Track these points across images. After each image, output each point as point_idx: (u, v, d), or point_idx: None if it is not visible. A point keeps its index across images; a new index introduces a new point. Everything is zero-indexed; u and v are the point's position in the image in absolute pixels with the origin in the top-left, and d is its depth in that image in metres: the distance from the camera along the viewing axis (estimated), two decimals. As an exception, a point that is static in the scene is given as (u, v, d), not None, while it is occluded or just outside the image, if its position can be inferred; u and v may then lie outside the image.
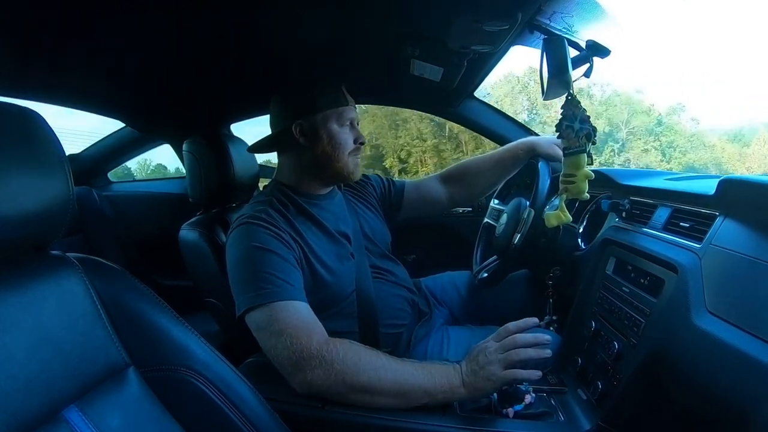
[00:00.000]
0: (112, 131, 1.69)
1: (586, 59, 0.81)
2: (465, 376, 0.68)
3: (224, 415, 0.53)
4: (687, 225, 0.68)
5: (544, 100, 0.85)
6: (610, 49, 0.78)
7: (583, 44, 0.81)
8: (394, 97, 1.59)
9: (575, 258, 0.99)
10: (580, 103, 0.81)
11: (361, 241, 0.93)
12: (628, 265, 0.78)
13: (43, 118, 0.47)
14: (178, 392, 0.52)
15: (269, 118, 0.93)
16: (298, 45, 0.95)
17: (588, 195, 0.85)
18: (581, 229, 1.03)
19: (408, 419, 0.67)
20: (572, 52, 0.80)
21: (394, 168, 16.65)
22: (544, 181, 0.99)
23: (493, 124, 1.50)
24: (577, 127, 0.81)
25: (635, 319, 0.68)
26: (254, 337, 0.72)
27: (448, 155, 16.43)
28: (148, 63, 1.00)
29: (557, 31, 0.78)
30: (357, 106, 0.94)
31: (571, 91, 0.81)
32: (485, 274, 1.07)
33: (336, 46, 0.98)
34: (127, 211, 1.77)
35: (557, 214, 0.86)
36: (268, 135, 0.94)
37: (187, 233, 1.03)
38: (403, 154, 17.00)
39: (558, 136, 0.84)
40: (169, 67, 1.03)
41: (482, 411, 0.69)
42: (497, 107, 1.57)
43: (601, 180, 1.02)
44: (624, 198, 0.88)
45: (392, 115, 16.38)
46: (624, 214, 0.86)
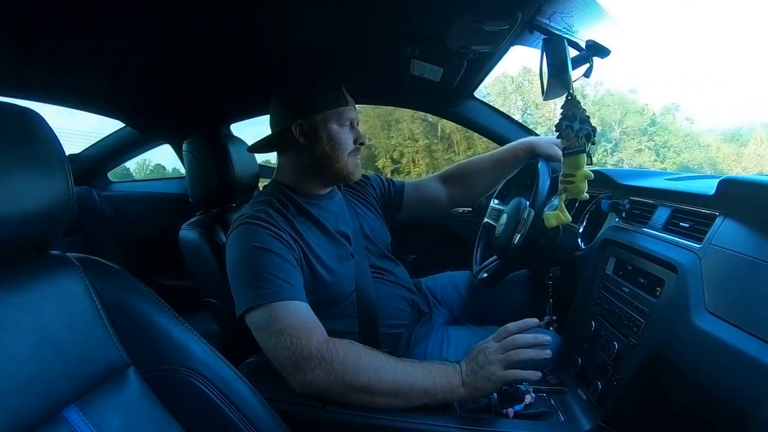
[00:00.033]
0: (112, 131, 1.69)
1: (586, 59, 0.81)
2: (465, 376, 0.68)
3: (224, 415, 0.53)
4: (687, 225, 0.68)
5: (544, 100, 0.85)
6: (610, 49, 0.78)
7: (583, 44, 0.81)
8: (394, 97, 1.59)
9: (575, 258, 0.99)
10: (580, 103, 0.81)
11: (361, 241, 0.93)
12: (628, 265, 0.78)
13: (43, 118, 0.47)
14: (178, 392, 0.52)
15: (269, 118, 0.93)
16: (298, 45, 0.95)
17: (587, 195, 0.85)
18: (581, 229, 1.03)
19: (408, 419, 0.67)
20: (572, 52, 0.80)
21: (387, 168, 16.61)
22: (544, 181, 0.99)
23: (493, 124, 1.51)
24: (576, 127, 0.81)
25: (635, 319, 0.68)
26: (254, 337, 0.72)
27: (439, 155, 16.41)
28: (148, 63, 1.00)
29: (557, 31, 0.78)
30: (352, 107, 0.94)
31: (571, 91, 0.81)
32: (485, 274, 1.07)
33: (336, 46, 0.98)
34: (127, 211, 1.77)
35: (556, 214, 0.86)
36: (268, 135, 0.94)
37: (187, 233, 1.03)
38: (396, 155, 16.95)
39: (558, 136, 0.84)
40: (169, 67, 1.03)
41: (482, 411, 0.69)
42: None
43: (601, 180, 1.02)
44: (624, 198, 0.88)
45: (385, 116, 16.34)
46: (624, 214, 0.86)
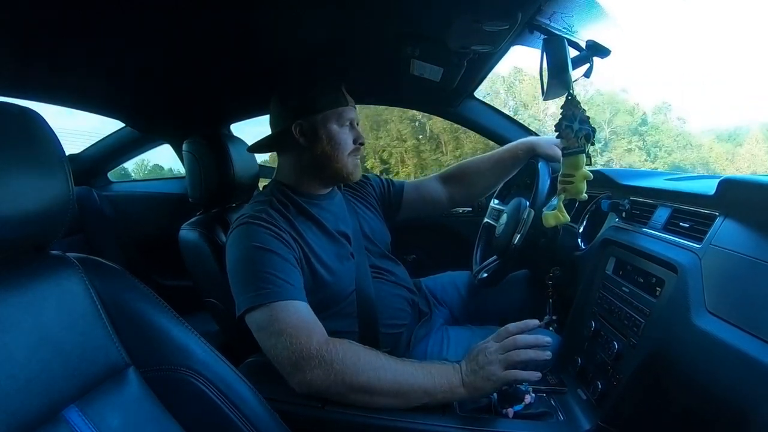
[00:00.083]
0: (112, 131, 1.69)
1: (586, 59, 0.81)
2: (465, 376, 0.68)
3: (224, 415, 0.53)
4: (687, 225, 0.68)
5: (544, 100, 0.85)
6: (610, 49, 0.78)
7: (583, 44, 0.81)
8: (394, 97, 1.59)
9: (575, 258, 0.99)
10: (579, 104, 0.81)
11: (361, 241, 0.93)
12: (628, 265, 0.78)
13: (43, 118, 0.47)
14: (178, 392, 0.52)
15: (269, 118, 0.93)
16: (298, 45, 0.95)
17: (586, 195, 0.85)
18: (581, 229, 1.03)
19: (408, 419, 0.67)
20: (572, 52, 0.80)
21: (376, 168, 16.59)
22: (544, 182, 0.99)
23: (493, 124, 1.51)
24: (576, 127, 0.81)
25: (635, 319, 0.68)
26: (254, 337, 0.72)
27: (427, 156, 16.36)
28: (148, 63, 1.00)
29: (557, 31, 0.78)
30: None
31: (570, 91, 0.81)
32: (485, 274, 1.07)
33: (336, 46, 0.98)
34: (127, 211, 1.77)
35: (555, 213, 0.86)
36: (268, 135, 0.94)
37: (187, 233, 1.03)
38: (385, 155, 16.86)
39: (557, 136, 0.84)
40: (169, 67, 1.03)
41: (482, 411, 0.69)
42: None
43: (601, 180, 1.02)
44: (624, 198, 0.88)
45: (373, 116, 16.26)
46: (624, 214, 0.86)
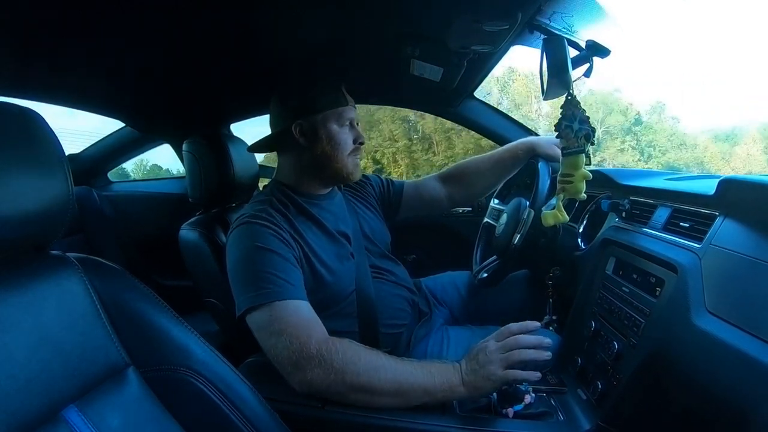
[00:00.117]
0: (112, 131, 1.69)
1: (586, 59, 0.81)
2: (465, 375, 0.68)
3: (224, 415, 0.53)
4: (687, 225, 0.68)
5: (544, 99, 0.85)
6: (610, 49, 0.78)
7: (583, 44, 0.81)
8: (394, 97, 1.59)
9: (575, 258, 0.99)
10: (579, 104, 0.81)
11: (361, 241, 0.93)
12: (628, 265, 0.78)
13: (43, 118, 0.47)
14: (178, 392, 0.52)
15: (269, 118, 0.93)
16: (298, 45, 0.95)
17: (585, 195, 0.85)
18: (581, 229, 1.03)
19: (408, 419, 0.66)
20: (572, 52, 0.80)
21: (369, 169, 16.49)
22: (544, 182, 0.99)
23: (493, 124, 1.51)
24: (576, 127, 0.81)
25: (635, 319, 0.68)
26: (254, 337, 0.72)
27: (419, 156, 16.29)
28: (148, 63, 1.00)
29: (557, 31, 0.78)
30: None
31: (570, 91, 0.81)
32: (485, 274, 1.07)
33: (336, 46, 0.98)
34: (127, 211, 1.77)
35: (554, 213, 0.86)
36: (268, 135, 0.94)
37: (187, 233, 1.02)
38: (378, 155, 16.76)
39: (557, 136, 0.84)
40: (169, 67, 1.03)
41: (482, 411, 0.69)
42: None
43: (601, 180, 1.02)
44: (624, 198, 0.88)
45: (366, 116, 16.17)
46: (624, 214, 0.86)
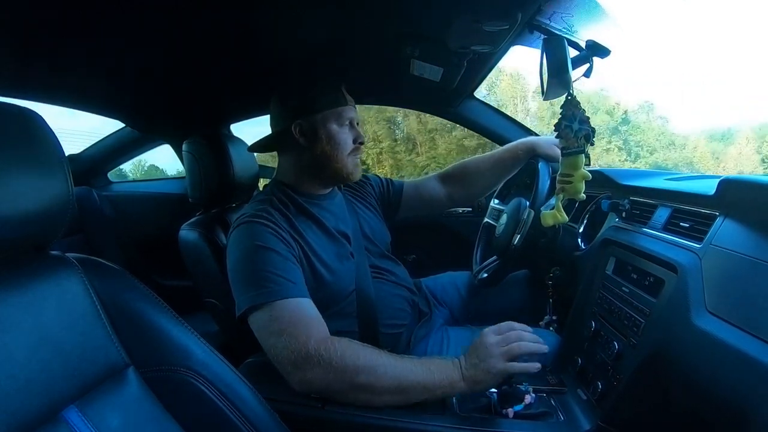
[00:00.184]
0: (112, 131, 1.69)
1: (586, 59, 0.81)
2: (465, 370, 0.68)
3: (224, 415, 0.53)
4: (687, 225, 0.68)
5: (544, 99, 0.85)
6: (609, 49, 0.78)
7: (583, 44, 0.81)
8: (394, 97, 1.59)
9: (575, 258, 0.99)
10: (579, 104, 0.81)
11: (361, 241, 0.93)
12: (628, 265, 0.78)
13: (42, 119, 0.47)
14: (178, 392, 0.52)
15: (269, 118, 0.93)
16: (298, 45, 0.95)
17: (584, 196, 0.85)
18: (581, 229, 1.03)
19: (408, 419, 0.66)
20: (572, 52, 0.80)
21: None
22: (544, 182, 0.99)
23: (493, 124, 1.51)
24: (576, 127, 0.80)
25: (635, 319, 0.68)
26: (254, 337, 0.72)
27: (402, 156, 16.30)
28: (148, 63, 1.00)
29: (557, 31, 0.78)
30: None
31: (570, 91, 0.81)
32: (485, 274, 1.07)
33: (336, 46, 0.98)
34: (127, 211, 1.77)
35: (553, 213, 0.86)
36: (268, 135, 0.94)
37: (187, 233, 1.02)
38: (363, 156, 16.90)
39: (556, 136, 0.84)
40: (169, 67, 1.03)
41: (482, 411, 0.69)
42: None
43: (601, 180, 1.02)
44: (624, 198, 0.88)
45: None
46: (624, 214, 0.86)
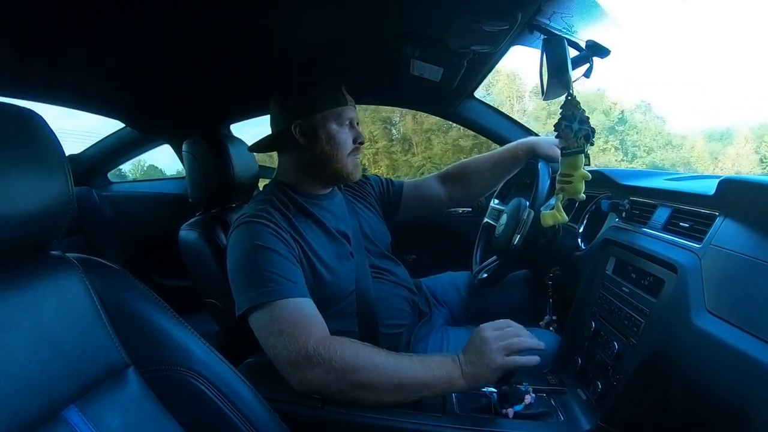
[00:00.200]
0: (112, 131, 1.69)
1: (586, 59, 0.81)
2: (464, 366, 0.68)
3: (224, 415, 0.53)
4: (687, 225, 0.68)
5: (544, 99, 0.85)
6: (609, 49, 0.78)
7: (583, 44, 0.81)
8: (394, 97, 1.59)
9: (575, 258, 0.99)
10: (579, 104, 0.81)
11: (361, 241, 0.93)
12: (628, 265, 0.78)
13: (42, 119, 0.47)
14: (178, 392, 0.52)
15: (269, 118, 0.93)
16: (298, 45, 0.95)
17: (584, 196, 0.85)
18: (581, 229, 1.03)
19: (408, 419, 0.66)
20: (572, 52, 0.80)
21: None
22: (544, 182, 0.99)
23: (493, 124, 1.51)
24: (575, 127, 0.80)
25: (635, 319, 0.68)
26: (254, 337, 0.72)
27: (398, 157, 16.26)
28: (148, 63, 1.00)
29: (557, 31, 0.78)
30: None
31: (570, 91, 0.81)
32: (485, 275, 1.07)
33: (336, 46, 0.98)
34: (127, 211, 1.77)
35: (553, 213, 0.86)
36: (268, 135, 0.94)
37: (187, 233, 1.02)
38: (359, 156, 16.91)
39: (556, 136, 0.84)
40: (169, 67, 1.03)
41: (482, 411, 0.69)
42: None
43: (601, 180, 1.02)
44: (624, 198, 0.88)
45: None
46: (624, 214, 0.86)
